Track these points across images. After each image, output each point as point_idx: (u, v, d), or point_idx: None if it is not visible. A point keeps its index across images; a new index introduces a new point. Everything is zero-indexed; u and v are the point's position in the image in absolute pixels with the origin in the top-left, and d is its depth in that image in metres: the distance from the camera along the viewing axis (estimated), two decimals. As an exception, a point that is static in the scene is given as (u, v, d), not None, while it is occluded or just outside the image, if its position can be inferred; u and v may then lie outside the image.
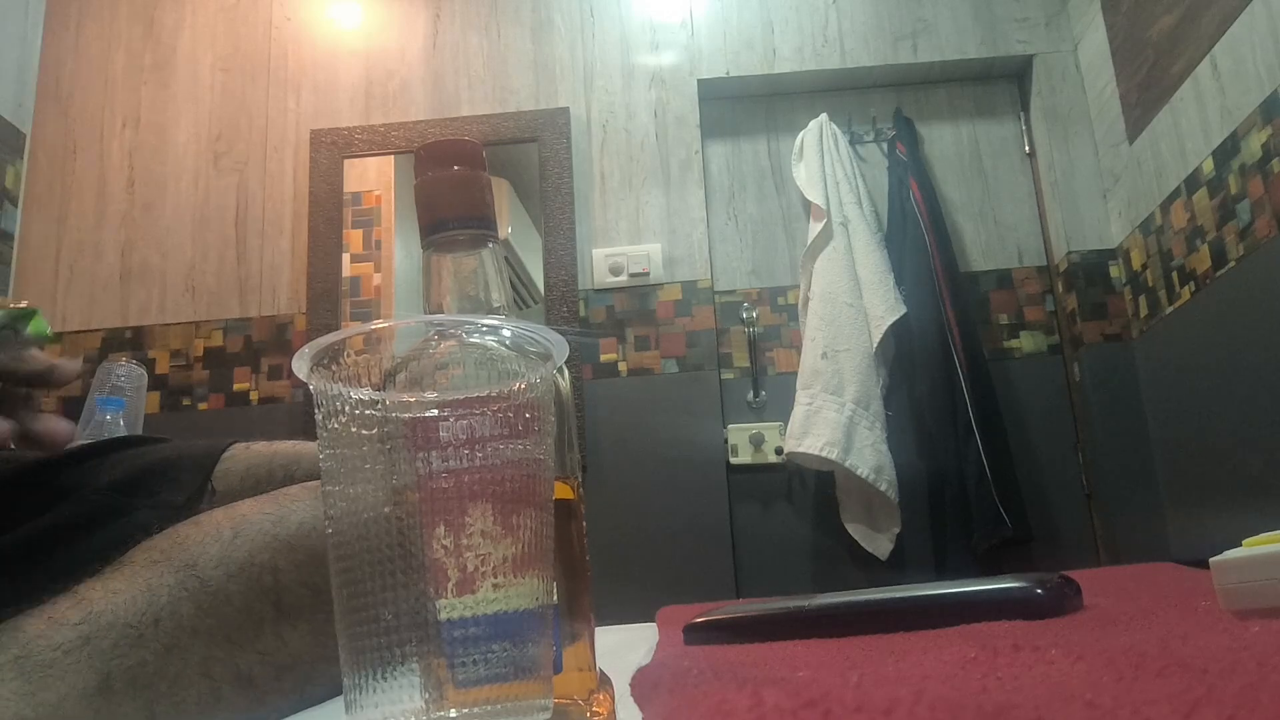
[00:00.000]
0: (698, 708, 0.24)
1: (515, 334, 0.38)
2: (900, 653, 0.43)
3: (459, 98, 2.36)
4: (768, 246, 2.32)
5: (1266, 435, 1.63)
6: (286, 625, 0.54)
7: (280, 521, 0.56)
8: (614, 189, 2.29)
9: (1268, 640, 0.30)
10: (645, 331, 2.21)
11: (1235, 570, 0.43)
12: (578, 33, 2.39)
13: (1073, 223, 2.22)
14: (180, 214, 2.33)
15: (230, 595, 0.52)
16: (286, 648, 0.54)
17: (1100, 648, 0.31)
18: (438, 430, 0.35)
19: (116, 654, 0.47)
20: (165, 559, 0.52)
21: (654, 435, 2.13)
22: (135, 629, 0.48)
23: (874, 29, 2.36)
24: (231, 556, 0.53)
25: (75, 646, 0.47)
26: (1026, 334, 2.24)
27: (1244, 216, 1.69)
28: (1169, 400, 2.01)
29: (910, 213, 2.18)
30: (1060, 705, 0.21)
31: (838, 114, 2.31)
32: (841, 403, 2.01)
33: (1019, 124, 2.38)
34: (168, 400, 2.21)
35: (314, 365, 0.35)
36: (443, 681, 0.34)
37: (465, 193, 0.42)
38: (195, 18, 2.45)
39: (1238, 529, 0.48)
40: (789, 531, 2.13)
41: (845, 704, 0.21)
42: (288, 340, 2.24)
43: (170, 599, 0.50)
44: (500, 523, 0.35)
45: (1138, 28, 2.03)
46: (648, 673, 0.40)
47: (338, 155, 2.32)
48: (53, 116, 2.38)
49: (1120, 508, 2.06)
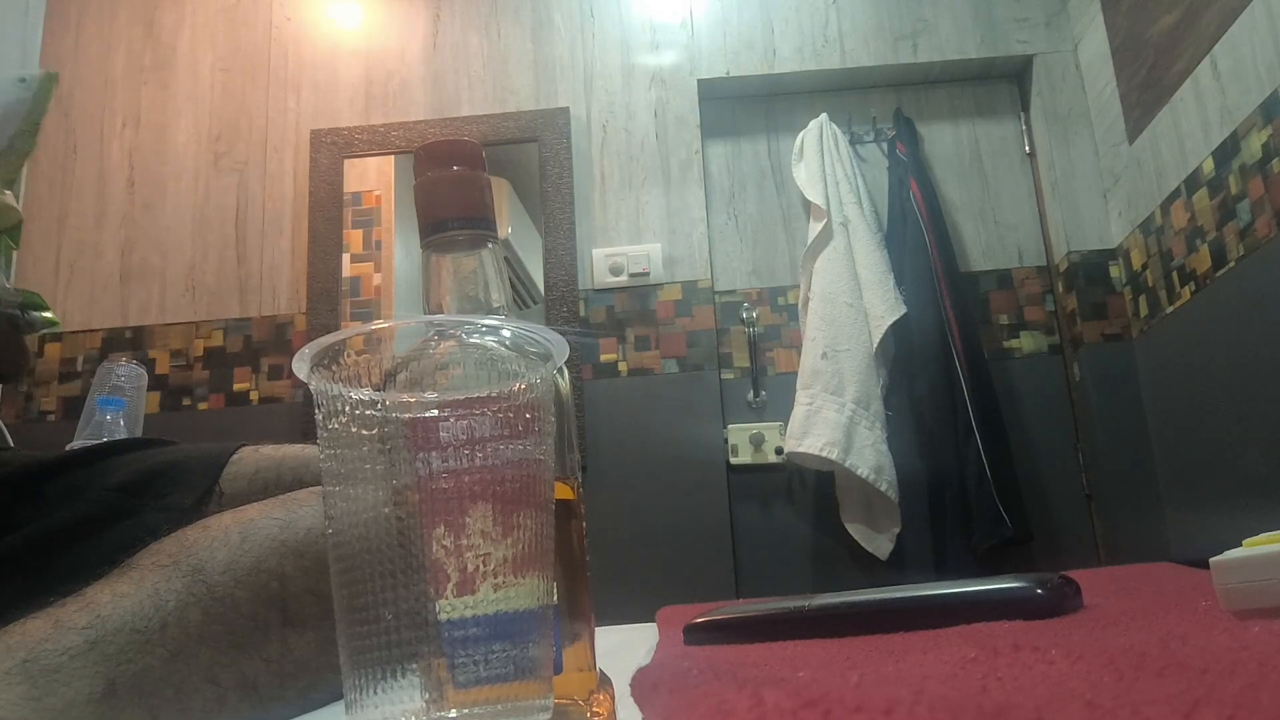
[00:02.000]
0: (698, 708, 0.24)
1: (515, 334, 0.38)
2: (900, 653, 0.43)
3: (459, 98, 2.36)
4: (768, 246, 2.32)
5: (1266, 435, 1.63)
6: (292, 632, 0.54)
7: (288, 527, 0.56)
8: (614, 189, 2.29)
9: (1268, 640, 0.30)
10: (645, 331, 2.21)
11: (1235, 570, 0.43)
12: (578, 33, 2.39)
13: (1073, 223, 2.22)
14: (180, 214, 2.33)
15: (237, 601, 0.52)
16: (291, 655, 0.54)
17: (1100, 648, 0.31)
18: (438, 430, 0.35)
19: (123, 659, 0.47)
20: (173, 563, 0.52)
21: (654, 435, 2.13)
22: (142, 634, 0.48)
23: (874, 29, 2.36)
24: (239, 562, 0.53)
25: (82, 651, 0.46)
26: (1026, 334, 2.24)
27: (1244, 216, 1.69)
28: (1169, 400, 2.01)
29: (910, 213, 2.18)
30: (1060, 705, 0.21)
31: (838, 114, 2.31)
32: (841, 403, 2.01)
33: (1019, 124, 2.38)
34: (168, 400, 2.21)
35: (314, 365, 0.35)
36: (443, 682, 0.34)
37: (465, 193, 0.42)
38: (195, 18, 2.45)
39: (1238, 529, 0.48)
40: (789, 531, 2.13)
41: (845, 704, 0.21)
42: (288, 340, 2.24)
43: (177, 604, 0.50)
44: (500, 523, 0.35)
45: (1138, 28, 2.03)
46: (648, 673, 0.40)
47: (338, 155, 2.32)
48: (53, 116, 2.38)
49: (1120, 508, 2.06)
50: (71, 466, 0.60)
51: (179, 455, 0.64)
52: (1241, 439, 1.71)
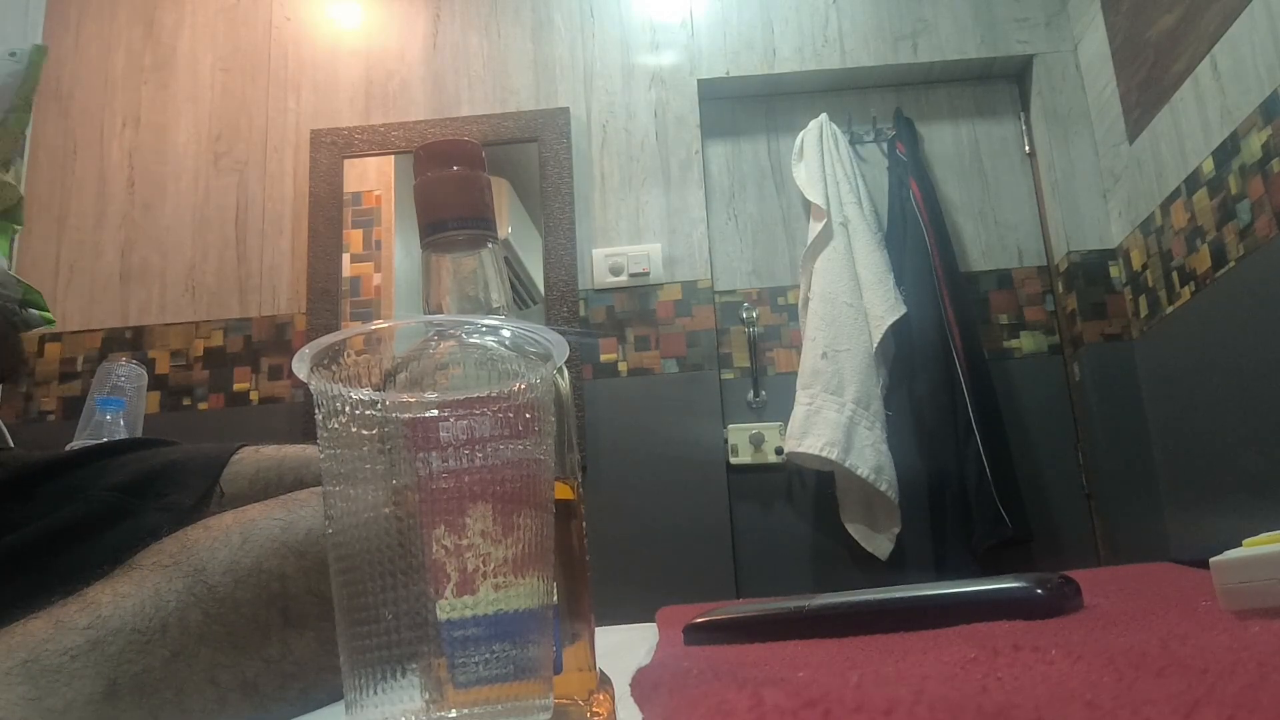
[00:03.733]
0: (698, 708, 0.24)
1: (515, 334, 0.38)
2: (900, 653, 0.43)
3: (459, 98, 2.36)
4: (768, 246, 2.32)
5: (1266, 435, 1.63)
6: (293, 633, 0.54)
7: (289, 528, 0.56)
8: (614, 189, 2.29)
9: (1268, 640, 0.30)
10: (645, 331, 2.21)
11: (1235, 570, 0.43)
12: (578, 33, 2.39)
13: (1073, 223, 2.22)
14: (180, 214, 2.33)
15: (238, 602, 0.52)
16: (292, 655, 0.54)
17: (1100, 648, 0.31)
18: (438, 430, 0.35)
19: (124, 660, 0.47)
20: (174, 563, 0.52)
21: (654, 435, 2.13)
22: (143, 635, 0.48)
23: (874, 29, 2.36)
24: (240, 562, 0.53)
25: (83, 651, 0.46)
26: (1026, 334, 2.24)
27: (1244, 216, 1.69)
28: (1169, 400, 2.01)
29: (910, 213, 2.18)
30: (1060, 705, 0.21)
31: (838, 114, 2.31)
32: (841, 403, 2.01)
33: (1019, 124, 2.38)
34: (168, 400, 2.21)
35: (314, 365, 0.35)
36: (443, 682, 0.34)
37: (464, 193, 0.42)
38: (195, 18, 2.45)
39: (1238, 529, 0.48)
40: (789, 531, 2.13)
41: (845, 704, 0.21)
42: (288, 340, 2.24)
43: (178, 605, 0.50)
44: (500, 523, 0.35)
45: (1138, 28, 2.03)
46: (648, 673, 0.40)
47: (338, 155, 2.32)
48: (53, 116, 2.38)
49: (1120, 508, 2.05)
50: (71, 466, 0.60)
51: (179, 455, 0.64)
52: (1241, 439, 1.71)
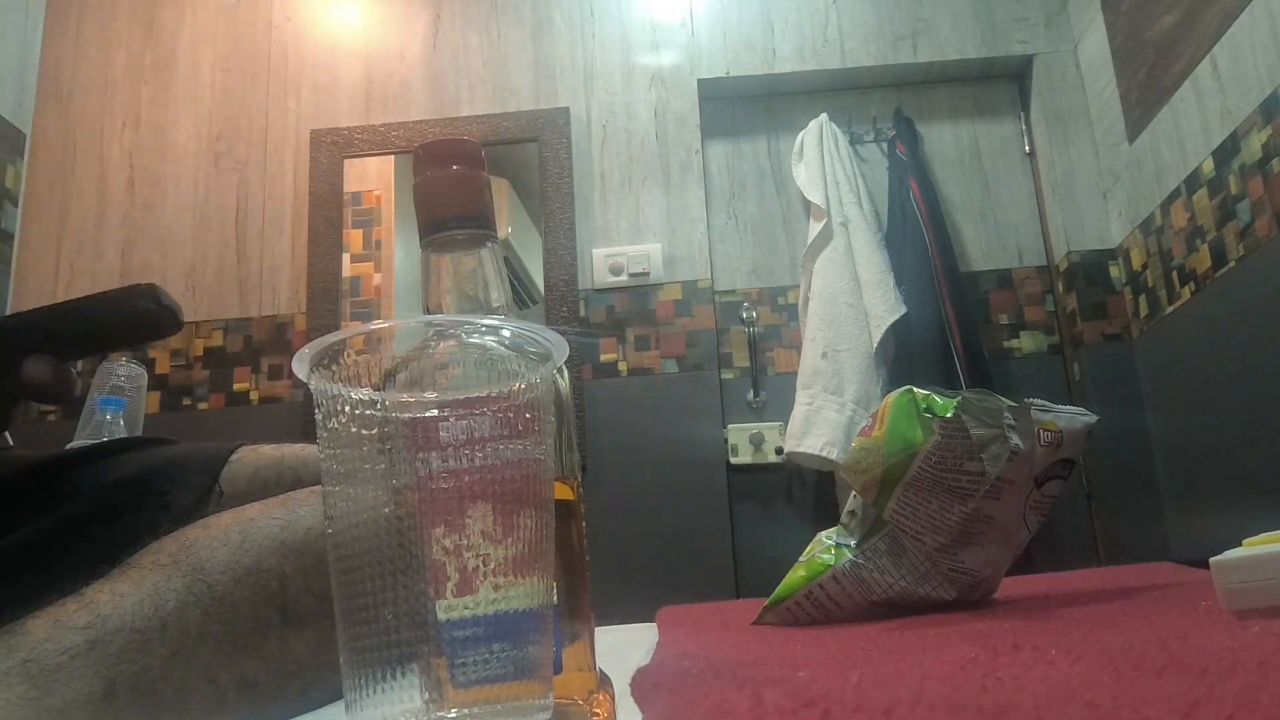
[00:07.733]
0: (698, 708, 0.24)
1: (515, 334, 0.38)
2: (900, 653, 0.43)
3: (459, 98, 2.36)
4: (768, 246, 2.32)
5: (1266, 435, 1.63)
6: (292, 632, 0.54)
7: (288, 527, 0.56)
8: (614, 189, 2.29)
9: (1268, 640, 0.30)
10: (645, 331, 2.21)
11: (1235, 570, 0.43)
12: (578, 33, 2.39)
13: (1073, 223, 2.22)
14: (180, 214, 2.33)
15: (237, 601, 0.52)
16: (291, 654, 0.54)
17: (1100, 648, 0.31)
18: (438, 430, 0.35)
19: (123, 659, 0.47)
20: (173, 562, 0.52)
21: (654, 435, 2.13)
22: (142, 634, 0.48)
23: (874, 29, 2.36)
24: (239, 562, 0.53)
25: (82, 651, 0.46)
26: (1026, 334, 2.24)
27: (1244, 216, 1.69)
28: (1169, 400, 2.01)
29: (910, 213, 2.18)
30: (1060, 705, 0.21)
31: (838, 114, 2.31)
32: (842, 403, 2.01)
33: (1019, 124, 2.38)
34: (168, 400, 2.21)
35: (314, 365, 0.35)
36: (443, 681, 0.34)
37: (464, 192, 0.42)
38: (195, 18, 2.45)
39: (1238, 529, 0.48)
40: (789, 531, 2.13)
41: (845, 704, 0.21)
42: (288, 340, 2.24)
43: (177, 604, 0.50)
44: (500, 523, 0.35)
45: (1138, 28, 2.03)
46: (648, 673, 0.40)
47: (338, 155, 2.32)
48: (53, 116, 2.38)
49: (1120, 508, 2.05)
50: (71, 466, 0.60)
51: (178, 454, 0.64)
52: (1241, 439, 1.71)
